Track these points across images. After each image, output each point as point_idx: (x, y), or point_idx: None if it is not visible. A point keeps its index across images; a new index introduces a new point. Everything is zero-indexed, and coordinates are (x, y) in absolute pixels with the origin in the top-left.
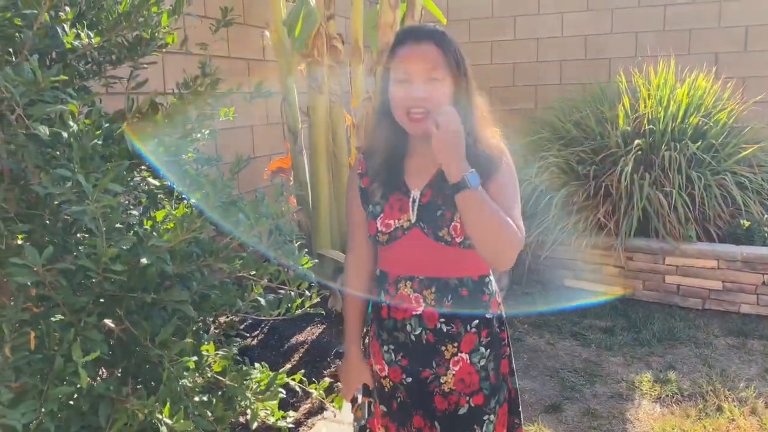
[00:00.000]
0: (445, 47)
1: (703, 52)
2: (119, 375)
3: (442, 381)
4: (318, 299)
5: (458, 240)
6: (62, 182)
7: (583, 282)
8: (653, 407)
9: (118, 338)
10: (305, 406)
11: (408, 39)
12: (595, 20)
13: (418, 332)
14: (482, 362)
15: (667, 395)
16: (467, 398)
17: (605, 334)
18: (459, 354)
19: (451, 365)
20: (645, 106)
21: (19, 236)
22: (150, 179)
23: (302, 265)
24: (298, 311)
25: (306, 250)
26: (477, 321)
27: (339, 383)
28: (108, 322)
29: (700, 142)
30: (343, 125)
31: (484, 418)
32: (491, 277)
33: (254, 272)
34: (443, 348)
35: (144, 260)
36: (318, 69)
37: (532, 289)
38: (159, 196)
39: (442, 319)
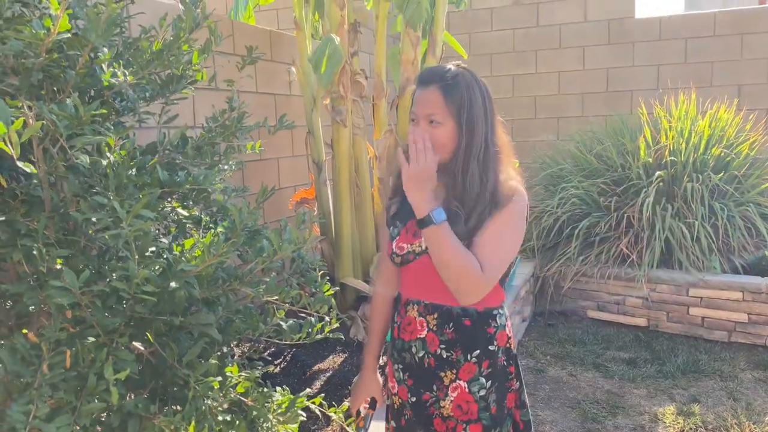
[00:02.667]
0: (448, 91)
1: (726, 84)
2: (148, 395)
3: (441, 405)
4: (337, 324)
5: None
6: (99, 209)
7: (606, 313)
8: None
9: (147, 360)
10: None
11: (419, 82)
12: (616, 54)
13: (421, 355)
14: (482, 392)
15: (691, 428)
16: (464, 425)
17: (628, 366)
18: (457, 381)
19: (449, 391)
20: (666, 138)
21: (59, 261)
22: (179, 209)
23: (324, 293)
24: (319, 336)
25: (328, 278)
26: (478, 351)
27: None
28: (137, 344)
29: (722, 173)
30: (365, 157)
31: None
32: (501, 311)
33: (277, 296)
34: (442, 374)
35: (173, 284)
36: (342, 103)
37: (554, 320)
38: (187, 225)
39: (443, 346)
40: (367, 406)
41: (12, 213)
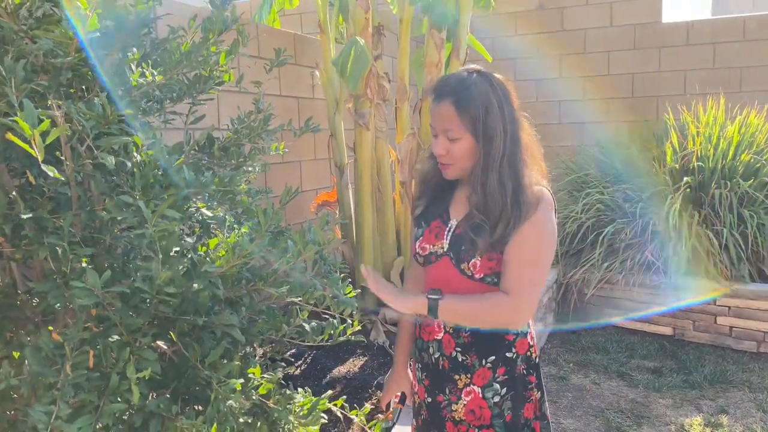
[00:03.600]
0: (461, 105)
1: (756, 90)
2: (170, 395)
3: (453, 409)
4: (359, 327)
5: (478, 276)
6: (125, 208)
7: (631, 322)
8: None
9: (169, 360)
10: None
11: (432, 95)
12: (642, 59)
13: (437, 356)
14: (496, 399)
15: None
16: (476, 430)
17: (653, 375)
18: (471, 386)
19: (462, 395)
20: (694, 144)
21: (84, 260)
22: (204, 210)
23: (346, 294)
24: (341, 338)
25: (350, 281)
26: (494, 357)
27: (379, 415)
28: (161, 344)
29: (752, 180)
30: (387, 160)
31: None
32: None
33: (300, 297)
34: (456, 376)
35: (196, 285)
36: (365, 106)
37: (577, 327)
38: (212, 225)
39: (458, 349)
40: (397, 400)
41: (39, 210)
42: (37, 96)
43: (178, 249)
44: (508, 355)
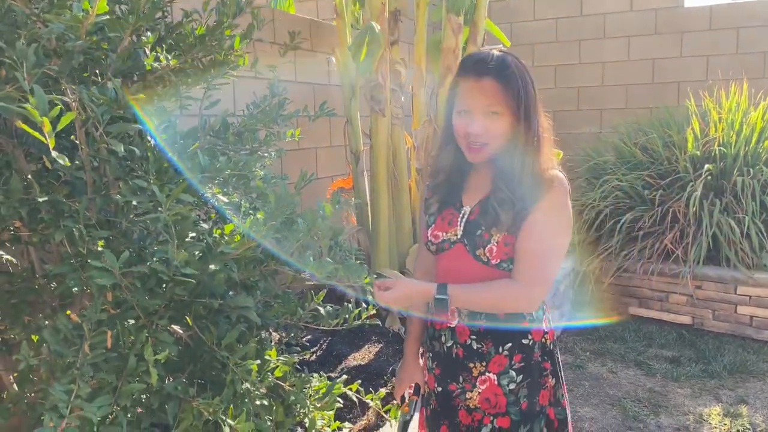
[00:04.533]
0: (506, 82)
1: None
2: (186, 377)
3: (467, 397)
4: (374, 311)
5: (494, 262)
6: (139, 192)
7: (649, 310)
8: None
9: (185, 344)
10: (361, 422)
11: (470, 73)
12: (663, 44)
13: (449, 345)
14: (511, 386)
15: (738, 430)
16: (491, 418)
17: (671, 365)
18: (487, 374)
19: (478, 383)
20: (716, 130)
21: (100, 243)
22: (220, 196)
23: (363, 281)
24: (357, 322)
25: (366, 267)
26: (510, 344)
27: (393, 401)
28: (177, 328)
29: None
30: (403, 147)
31: None
32: (541, 305)
33: (310, 272)
34: (471, 365)
35: (212, 266)
36: (381, 92)
37: (594, 316)
38: (227, 210)
39: (473, 336)
40: (412, 392)
41: (55, 194)
42: (50, 81)
43: (194, 235)
44: (525, 341)
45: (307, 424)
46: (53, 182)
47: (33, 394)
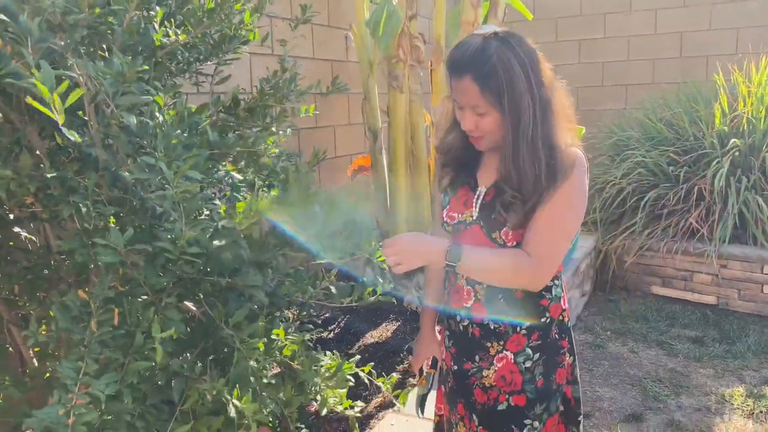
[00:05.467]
0: (484, 81)
1: None
2: (197, 355)
3: (483, 375)
4: (390, 285)
5: (510, 245)
6: (147, 169)
7: (672, 290)
8: (745, 423)
9: (198, 320)
10: (377, 400)
11: (450, 71)
12: (692, 16)
13: (465, 324)
14: (527, 364)
15: (762, 411)
16: (507, 396)
17: (694, 345)
18: (504, 352)
19: (495, 361)
20: (744, 105)
21: (111, 219)
22: (233, 173)
23: (378, 259)
24: (371, 298)
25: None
26: (528, 323)
27: (410, 379)
28: (189, 304)
29: None
30: (422, 124)
31: (526, 422)
32: (557, 281)
33: (327, 258)
34: (488, 344)
35: (216, 242)
36: (399, 68)
37: (616, 295)
38: (242, 188)
39: (490, 317)
40: (429, 365)
41: (64, 170)
42: (56, 55)
43: (208, 213)
44: (542, 320)
45: (318, 402)
46: (64, 159)
47: (52, 369)
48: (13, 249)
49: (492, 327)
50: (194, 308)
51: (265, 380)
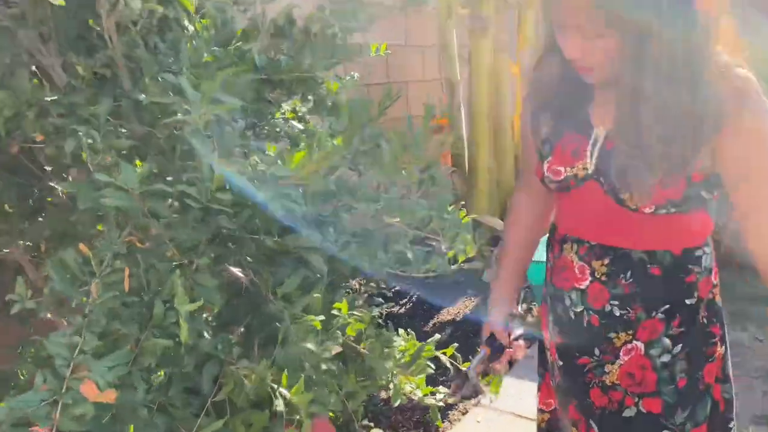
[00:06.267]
0: None
1: None
2: (243, 332)
3: (606, 370)
4: (473, 253)
5: (647, 210)
6: (171, 92)
7: None
8: None
9: (246, 289)
10: (456, 386)
11: None
12: None
13: (578, 310)
14: (665, 358)
15: None
16: (636, 399)
17: None
18: (634, 342)
19: (621, 353)
20: None
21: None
22: (294, 122)
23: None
24: (453, 267)
25: (463, 205)
26: (668, 306)
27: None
28: (235, 270)
29: None
30: (507, 75)
31: None
32: (707, 248)
33: (398, 218)
34: (613, 335)
35: (262, 195)
36: (482, 9)
37: (730, 272)
38: (302, 136)
39: (615, 302)
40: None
41: (74, 96)
42: None
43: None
44: (689, 302)
45: (391, 392)
46: (72, 82)
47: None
48: (46, 204)
49: (618, 314)
50: (240, 274)
51: (324, 365)
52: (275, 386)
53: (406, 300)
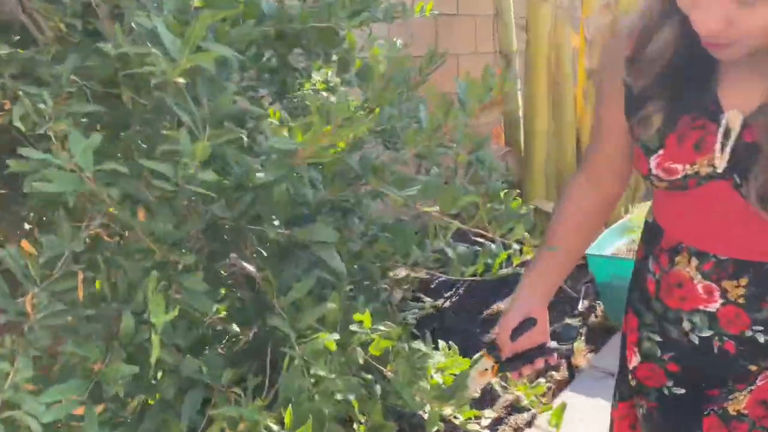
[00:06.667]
0: None
1: None
2: (247, 349)
3: (730, 398)
4: (530, 256)
5: None
6: (149, 41)
7: None
8: None
9: (257, 293)
10: (506, 397)
11: None
12: None
13: (706, 335)
14: None
15: None
16: None
17: None
18: None
19: (758, 381)
20: None
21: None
22: (325, 93)
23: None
24: (504, 270)
25: (518, 192)
26: None
27: (548, 381)
28: (248, 266)
29: None
30: (569, 46)
31: None
32: None
33: (438, 207)
34: (752, 366)
35: (261, 175)
36: None
37: None
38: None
39: (758, 327)
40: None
41: (39, 52)
42: None
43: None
44: None
45: (426, 418)
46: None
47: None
48: None
49: (762, 341)
50: (251, 269)
51: (339, 396)
52: (271, 425)
53: (451, 293)
